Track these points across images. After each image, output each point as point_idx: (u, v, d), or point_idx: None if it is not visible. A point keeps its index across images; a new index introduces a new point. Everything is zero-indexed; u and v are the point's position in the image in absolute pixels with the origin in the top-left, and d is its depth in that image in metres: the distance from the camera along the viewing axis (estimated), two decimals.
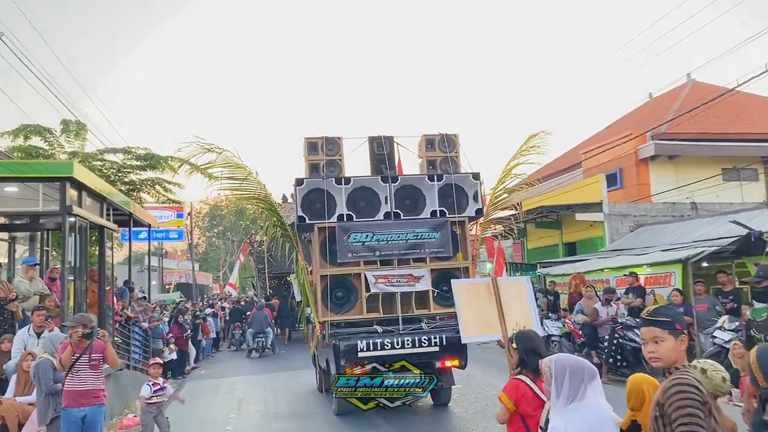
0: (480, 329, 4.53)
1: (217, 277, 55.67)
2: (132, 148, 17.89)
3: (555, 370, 3.18)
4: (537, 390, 4.01)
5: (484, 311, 4.43)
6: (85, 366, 6.27)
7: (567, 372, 3.16)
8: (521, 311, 4.56)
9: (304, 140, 9.27)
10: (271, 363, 16.57)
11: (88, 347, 6.29)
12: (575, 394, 3.16)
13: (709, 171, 23.50)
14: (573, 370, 3.17)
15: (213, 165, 9.00)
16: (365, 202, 9.21)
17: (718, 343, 10.06)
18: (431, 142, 9.51)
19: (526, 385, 4.02)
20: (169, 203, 20.33)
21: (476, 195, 9.28)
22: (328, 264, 8.89)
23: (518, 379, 4.07)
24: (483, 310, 4.44)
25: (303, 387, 12.15)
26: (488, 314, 4.43)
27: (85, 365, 6.27)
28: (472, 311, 4.49)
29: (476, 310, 4.48)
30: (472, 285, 4.56)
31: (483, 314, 4.45)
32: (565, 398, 3.15)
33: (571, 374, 3.16)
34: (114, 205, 11.00)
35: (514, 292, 4.56)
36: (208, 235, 59.83)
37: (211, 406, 11.03)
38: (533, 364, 4.06)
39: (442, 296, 9.07)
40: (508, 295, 4.44)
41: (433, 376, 8.58)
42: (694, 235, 16.46)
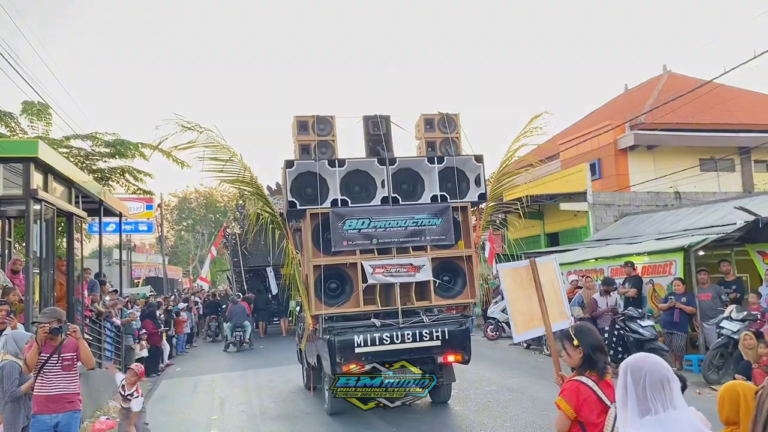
0: (527, 324, 3.91)
1: (187, 272, 54.44)
2: (100, 134, 16.89)
3: (629, 375, 2.56)
4: (601, 394, 3.42)
5: (530, 301, 3.81)
6: (56, 367, 5.53)
7: (644, 377, 2.54)
8: (554, 298, 3.96)
9: (293, 119, 8.56)
10: (251, 359, 15.83)
11: (59, 346, 5.54)
12: (654, 404, 2.53)
13: (686, 161, 23.47)
14: (652, 376, 2.53)
15: (194, 144, 8.23)
16: (360, 187, 8.56)
17: (725, 334, 9.65)
18: (430, 122, 8.86)
19: (588, 389, 3.42)
20: (140, 193, 19.33)
21: (478, 179, 8.68)
22: (321, 253, 8.21)
23: (578, 381, 3.46)
24: (529, 300, 3.82)
25: (288, 385, 11.46)
26: (533, 305, 3.81)
27: (56, 366, 5.53)
28: (519, 303, 3.86)
29: (522, 302, 3.85)
30: (515, 271, 3.91)
31: (529, 305, 3.83)
32: (641, 409, 2.53)
33: (650, 381, 2.53)
34: (83, 192, 10.15)
35: (548, 276, 3.94)
36: (177, 228, 58.43)
37: (190, 406, 10.28)
38: (601, 363, 3.47)
39: (444, 287, 8.49)
40: (543, 280, 3.83)
41: (434, 375, 8.09)
42: (683, 223, 16.17)
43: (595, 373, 3.44)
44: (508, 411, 8.37)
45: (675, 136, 23.98)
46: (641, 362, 2.55)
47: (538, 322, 3.85)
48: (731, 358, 9.60)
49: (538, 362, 12.66)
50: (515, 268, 3.92)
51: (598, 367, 3.45)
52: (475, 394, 9.49)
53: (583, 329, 3.58)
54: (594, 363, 3.45)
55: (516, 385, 10.04)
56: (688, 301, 10.73)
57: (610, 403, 3.40)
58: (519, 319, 3.89)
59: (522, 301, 3.85)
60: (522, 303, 3.86)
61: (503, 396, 9.32)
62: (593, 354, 3.45)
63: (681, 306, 10.73)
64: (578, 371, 3.50)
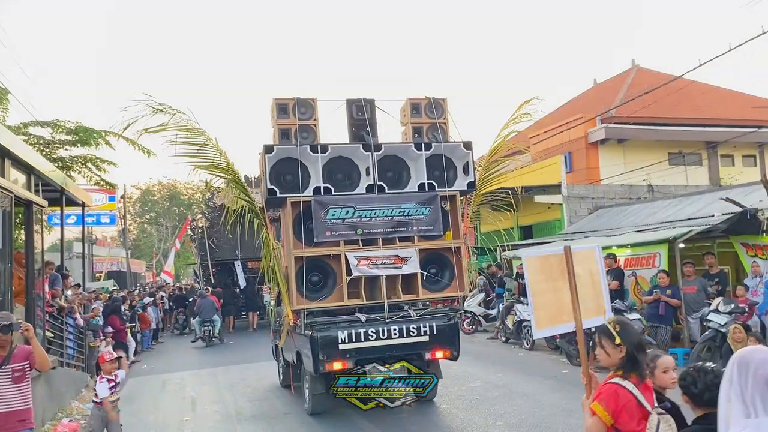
0: (553, 320, 3.51)
1: (150, 265, 53.19)
2: (61, 121, 16.05)
3: (735, 367, 2.20)
4: (642, 398, 3.05)
5: (559, 294, 3.42)
6: (6, 380, 4.86)
7: (750, 372, 2.18)
8: (592, 291, 3.58)
9: (272, 101, 8.05)
10: (221, 355, 15.25)
11: (8, 356, 4.89)
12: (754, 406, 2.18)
13: (655, 155, 23.63)
14: (757, 373, 2.18)
15: (166, 128, 7.65)
16: (343, 174, 8.10)
17: (712, 327, 9.49)
18: (417, 106, 8.44)
19: (628, 393, 3.05)
20: (102, 184, 18.48)
21: (467, 166, 8.30)
22: (303, 244, 7.74)
23: (617, 384, 3.09)
24: (557, 293, 3.43)
25: (263, 383, 10.96)
26: (562, 298, 3.42)
27: (5, 379, 4.86)
28: (545, 296, 3.46)
29: (548, 294, 3.45)
30: (544, 259, 3.51)
31: (557, 298, 3.44)
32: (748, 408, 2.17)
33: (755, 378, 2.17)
34: (44, 179, 9.48)
35: (586, 266, 3.56)
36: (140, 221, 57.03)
37: (160, 406, 9.72)
38: (643, 365, 3.11)
39: (431, 279, 8.10)
40: (578, 270, 3.44)
41: (434, 375, 7.79)
42: (659, 216, 16.11)
43: (636, 375, 3.09)
44: (497, 408, 8.03)
45: (645, 130, 24.14)
46: (750, 355, 2.19)
47: (567, 317, 3.45)
48: (719, 351, 9.43)
49: (519, 357, 12.40)
50: (544, 257, 3.53)
51: (641, 368, 3.09)
52: (461, 391, 9.15)
53: (626, 325, 3.21)
54: (637, 364, 3.08)
55: (501, 381, 9.73)
56: (673, 294, 10.58)
57: (650, 409, 3.06)
58: (541, 313, 3.50)
59: (548, 293, 3.46)
60: (548, 295, 3.46)
61: (490, 393, 8.99)
62: (637, 354, 3.09)
63: (666, 299, 10.56)
64: (618, 373, 3.13)
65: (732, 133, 23.17)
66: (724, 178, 24.86)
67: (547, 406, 7.96)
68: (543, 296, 3.48)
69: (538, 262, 3.51)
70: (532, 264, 3.51)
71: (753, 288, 9.96)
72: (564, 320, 3.48)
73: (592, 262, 3.65)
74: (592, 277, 3.60)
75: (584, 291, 3.47)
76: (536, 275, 3.48)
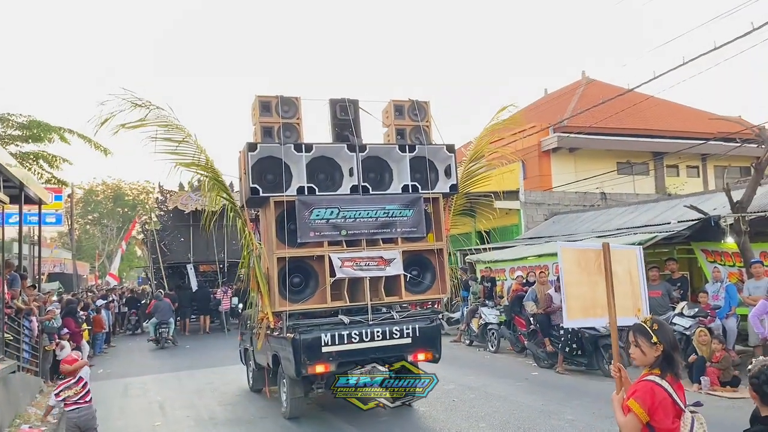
0: (586, 311, 3.56)
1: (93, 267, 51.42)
2: (12, 115, 15.36)
3: None
4: (676, 396, 3.10)
5: (594, 288, 3.47)
6: None
7: None
8: (629, 290, 3.64)
9: (255, 99, 7.89)
10: (179, 359, 14.86)
11: None
12: None
13: (605, 164, 24.35)
14: None
15: (145, 123, 7.40)
16: (325, 174, 8.01)
17: (677, 330, 9.77)
18: (400, 108, 8.41)
19: (663, 390, 3.09)
20: (54, 182, 17.79)
21: (449, 169, 8.33)
22: (285, 245, 7.60)
23: (654, 381, 3.12)
24: (592, 287, 3.47)
25: (231, 387, 10.72)
26: (597, 292, 3.47)
27: None
28: (580, 287, 3.51)
29: (584, 286, 3.50)
30: (582, 253, 3.55)
31: (592, 291, 3.48)
32: None
33: None
34: (5, 174, 9.04)
35: (625, 266, 3.62)
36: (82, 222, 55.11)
37: (127, 411, 9.37)
38: (678, 364, 3.16)
39: (413, 281, 8.08)
40: (617, 268, 3.49)
41: (434, 375, 7.74)
42: (615, 223, 16.58)
43: (671, 374, 3.13)
44: (477, 411, 8.07)
45: (595, 140, 24.78)
46: None
47: (600, 311, 3.50)
48: (683, 354, 9.73)
49: (486, 359, 12.52)
50: (582, 250, 3.58)
51: (676, 367, 3.14)
52: (437, 394, 9.07)
53: (663, 325, 3.25)
54: (673, 363, 3.13)
55: (474, 384, 9.78)
56: None
57: (684, 407, 3.11)
58: (574, 303, 3.55)
59: (584, 285, 3.51)
60: (583, 288, 3.51)
61: (466, 395, 9.03)
62: (673, 353, 3.14)
63: None
64: (655, 371, 3.17)
65: (679, 144, 24.03)
66: (669, 188, 25.75)
67: (525, 408, 8.04)
68: (577, 287, 3.52)
69: (574, 254, 3.56)
70: (569, 255, 3.56)
71: (714, 293, 10.31)
72: (598, 314, 3.54)
73: (633, 263, 3.70)
74: (631, 277, 3.65)
75: (621, 289, 3.52)
76: (571, 266, 3.52)
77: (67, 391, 6.26)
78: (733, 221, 10.43)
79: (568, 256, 3.54)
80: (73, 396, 6.28)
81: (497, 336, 13.27)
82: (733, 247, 10.79)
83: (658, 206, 16.56)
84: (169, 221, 22.43)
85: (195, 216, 21.17)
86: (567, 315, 3.62)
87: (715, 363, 8.96)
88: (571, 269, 3.52)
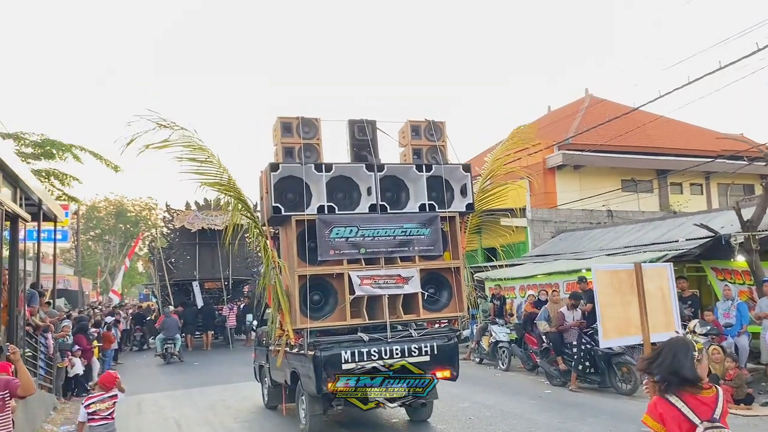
0: (621, 331, 3.66)
1: (95, 284, 51.41)
2: (25, 134, 15.54)
3: None
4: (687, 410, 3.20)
5: (627, 307, 3.57)
6: None
7: None
8: (662, 306, 3.75)
9: (276, 120, 8.05)
10: (189, 375, 14.89)
11: None
12: None
13: (610, 181, 24.46)
14: None
15: (170, 143, 7.55)
16: (343, 193, 8.13)
17: None
18: (416, 128, 8.56)
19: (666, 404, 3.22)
20: (64, 199, 17.94)
21: (464, 188, 8.46)
22: (306, 263, 7.71)
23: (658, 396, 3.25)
24: (626, 307, 3.58)
25: (245, 403, 10.77)
26: (630, 311, 3.58)
27: None
28: (614, 308, 3.61)
29: (617, 307, 3.61)
30: (614, 274, 3.67)
31: (625, 311, 3.59)
32: None
33: None
34: (27, 192, 9.16)
35: (657, 282, 3.73)
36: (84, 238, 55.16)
37: (144, 429, 9.43)
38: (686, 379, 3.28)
39: (430, 299, 8.17)
40: (649, 286, 3.60)
41: (434, 376, 7.74)
42: (623, 240, 16.68)
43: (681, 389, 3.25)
44: (494, 428, 8.13)
45: (600, 158, 24.92)
46: None
47: (635, 330, 3.61)
48: None
49: (497, 377, 12.56)
50: (614, 271, 3.70)
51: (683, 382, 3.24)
52: (452, 412, 9.20)
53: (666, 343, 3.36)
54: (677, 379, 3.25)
55: (489, 402, 9.83)
56: None
57: (699, 422, 3.19)
58: (609, 324, 3.67)
59: (617, 306, 3.62)
60: (617, 308, 3.63)
61: (482, 413, 9.08)
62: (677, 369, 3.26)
63: None
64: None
65: (684, 162, 24.18)
66: (673, 205, 25.87)
67: (542, 426, 8.09)
68: (611, 309, 3.63)
69: (607, 276, 3.66)
70: (601, 277, 3.67)
71: (725, 311, 10.40)
72: (632, 333, 3.64)
73: (664, 280, 3.81)
74: (662, 293, 3.76)
75: (653, 306, 3.63)
76: (605, 288, 3.63)
77: (99, 404, 6.31)
78: (744, 240, 10.55)
79: (601, 278, 3.66)
80: (103, 410, 6.34)
81: (508, 354, 13.32)
82: (743, 265, 10.89)
83: (665, 224, 16.67)
84: (175, 239, 23.01)
85: (201, 234, 22.13)
86: (602, 336, 3.72)
87: (728, 381, 9.02)
88: (605, 291, 3.64)
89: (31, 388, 4.99)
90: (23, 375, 4.84)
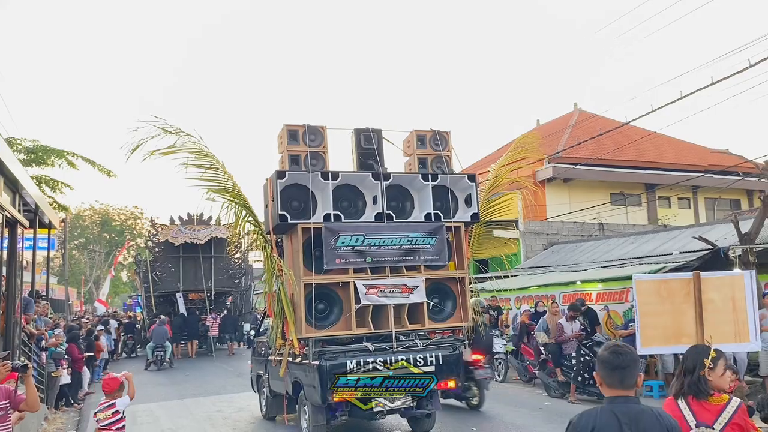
0: (667, 339, 3.65)
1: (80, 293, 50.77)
2: (17, 139, 15.36)
3: None
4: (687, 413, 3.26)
5: (679, 316, 3.56)
6: None
7: None
8: (732, 317, 3.72)
9: (283, 127, 8.01)
10: (182, 386, 14.69)
11: None
12: None
13: (598, 194, 24.62)
14: None
15: (176, 150, 7.48)
16: (348, 202, 8.11)
17: None
18: (422, 138, 8.57)
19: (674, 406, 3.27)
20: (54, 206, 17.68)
21: (469, 198, 8.46)
22: (312, 271, 7.65)
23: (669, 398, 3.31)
24: (677, 315, 3.57)
25: (242, 414, 10.63)
26: (683, 320, 3.56)
27: None
28: (659, 317, 3.61)
29: (666, 315, 3.60)
30: (663, 283, 3.66)
31: (676, 320, 3.58)
32: None
33: None
34: (25, 198, 9.03)
35: (726, 291, 3.71)
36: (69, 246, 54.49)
37: None
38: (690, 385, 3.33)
39: (435, 309, 8.14)
40: (713, 295, 3.59)
41: (434, 375, 7.69)
42: (617, 253, 16.76)
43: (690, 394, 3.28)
44: None
45: (589, 171, 25.09)
46: None
47: (686, 339, 3.60)
48: None
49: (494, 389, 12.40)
50: (663, 280, 3.71)
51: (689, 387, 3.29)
52: (454, 423, 9.15)
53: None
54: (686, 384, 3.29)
55: (490, 413, 9.79)
56: None
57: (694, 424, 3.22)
58: (651, 332, 3.66)
59: (666, 315, 3.62)
60: (664, 317, 3.62)
61: (484, 424, 9.05)
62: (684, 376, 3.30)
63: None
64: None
65: (672, 177, 24.41)
66: (661, 219, 26.08)
67: None
68: (655, 317, 3.62)
69: (651, 285, 3.67)
70: (646, 287, 3.68)
71: None
72: (682, 341, 3.62)
73: (738, 289, 3.79)
74: (734, 303, 3.74)
75: (720, 316, 3.61)
76: (648, 297, 3.63)
77: (100, 413, 6.19)
78: (741, 253, 10.63)
79: (643, 287, 3.65)
80: (102, 420, 6.20)
81: (504, 365, 13.29)
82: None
83: (658, 237, 16.78)
84: (160, 253, 23.91)
85: (185, 248, 22.96)
86: (641, 343, 3.71)
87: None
88: (647, 300, 3.63)
89: (36, 405, 4.91)
90: (31, 392, 4.76)
